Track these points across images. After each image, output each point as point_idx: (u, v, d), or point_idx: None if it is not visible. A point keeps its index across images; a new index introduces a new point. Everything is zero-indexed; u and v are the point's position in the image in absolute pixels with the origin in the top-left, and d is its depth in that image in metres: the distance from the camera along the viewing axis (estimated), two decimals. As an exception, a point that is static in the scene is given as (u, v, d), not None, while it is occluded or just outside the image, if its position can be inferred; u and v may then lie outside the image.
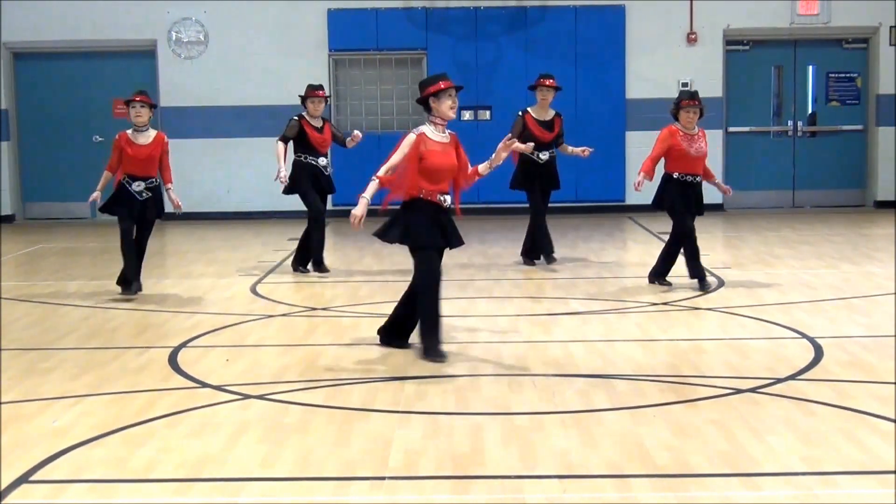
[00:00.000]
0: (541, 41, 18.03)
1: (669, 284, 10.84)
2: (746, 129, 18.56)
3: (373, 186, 7.96)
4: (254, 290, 11.17)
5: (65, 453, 5.91)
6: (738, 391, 6.98)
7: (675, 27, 18.21)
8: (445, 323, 8.87)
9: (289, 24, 18.10)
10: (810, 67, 18.57)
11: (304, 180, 12.03)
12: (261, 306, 10.36)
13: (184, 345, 8.63)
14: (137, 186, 10.80)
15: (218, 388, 7.27)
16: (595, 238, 14.93)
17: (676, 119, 10.80)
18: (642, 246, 14.36)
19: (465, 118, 17.98)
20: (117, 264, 12.83)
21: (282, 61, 18.03)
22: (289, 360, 8.12)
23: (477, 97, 17.89)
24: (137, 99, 10.79)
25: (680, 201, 10.75)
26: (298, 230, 15.94)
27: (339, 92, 18.25)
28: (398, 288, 11.16)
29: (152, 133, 10.82)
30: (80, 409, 6.83)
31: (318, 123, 12.18)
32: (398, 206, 8.15)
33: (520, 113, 12.23)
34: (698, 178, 10.83)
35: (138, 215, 10.79)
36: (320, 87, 12.23)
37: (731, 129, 18.47)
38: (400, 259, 13.10)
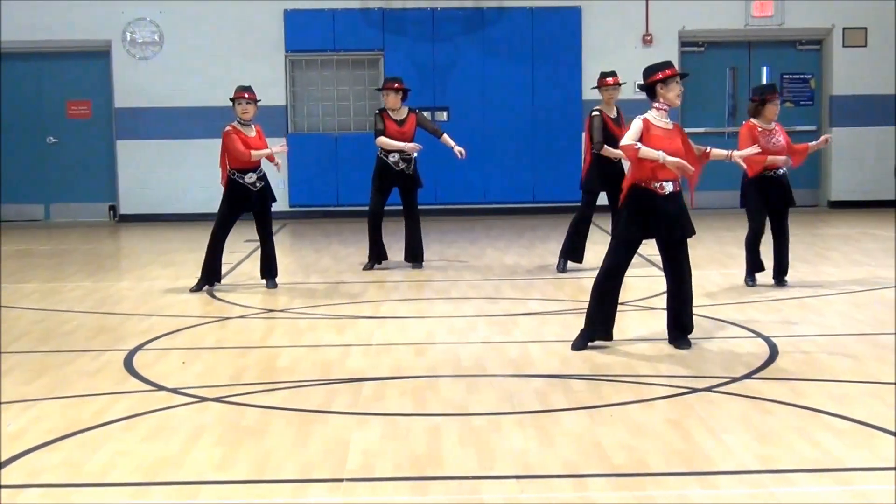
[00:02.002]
0: (498, 42, 18.06)
1: (753, 283, 10.91)
2: (702, 129, 18.64)
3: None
4: (210, 293, 11.11)
5: (19, 457, 5.85)
6: (695, 390, 7.03)
7: (631, 28, 18.29)
8: (402, 323, 8.89)
9: (245, 24, 18.01)
10: (764, 69, 18.71)
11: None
12: (217, 308, 10.32)
13: (139, 347, 8.58)
14: (249, 178, 11.06)
15: (174, 390, 7.23)
16: (552, 238, 14.95)
17: (754, 116, 10.87)
18: (599, 247, 14.36)
19: (423, 119, 17.96)
20: (70, 267, 12.73)
21: (238, 62, 17.93)
22: (246, 362, 8.08)
23: (434, 98, 17.89)
24: (247, 96, 11.07)
25: (758, 200, 10.85)
26: (255, 233, 15.89)
27: (295, 93, 18.19)
28: (355, 290, 11.17)
29: (254, 126, 11.17)
30: (35, 412, 6.76)
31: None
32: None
33: (595, 113, 11.92)
34: (780, 172, 10.88)
35: (258, 207, 11.15)
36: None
37: (687, 129, 18.42)
38: (357, 260, 13.08)
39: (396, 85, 12.29)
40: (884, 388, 7.01)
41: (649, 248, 13.69)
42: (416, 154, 12.23)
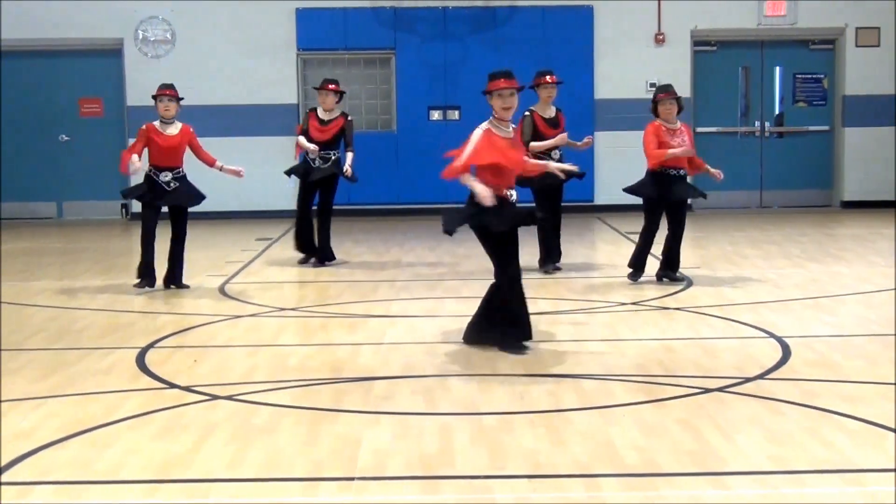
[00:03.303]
0: (509, 41, 18.04)
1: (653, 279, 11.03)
2: (714, 129, 18.64)
3: None
4: (222, 291, 11.12)
5: (31, 455, 5.85)
6: (707, 391, 7.00)
7: (643, 28, 18.26)
8: (413, 322, 8.90)
9: (257, 23, 18.03)
10: (777, 68, 18.68)
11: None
12: (229, 307, 10.32)
13: (151, 345, 8.58)
14: (164, 177, 11.05)
15: (186, 388, 7.23)
16: (564, 238, 14.93)
17: (656, 115, 10.89)
18: (611, 246, 14.41)
19: (434, 118, 17.97)
20: (82, 264, 12.76)
21: (250, 61, 17.96)
22: (257, 360, 8.08)
23: (445, 97, 17.89)
24: (167, 93, 11.04)
25: (656, 197, 10.82)
26: (267, 230, 15.95)
27: (307, 91, 18.20)
28: (366, 288, 11.17)
29: (178, 125, 11.14)
30: (46, 410, 6.77)
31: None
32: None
33: (526, 113, 12.03)
34: (682, 172, 10.91)
35: (171, 206, 11.17)
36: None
37: (699, 129, 18.53)
38: (369, 259, 13.08)
39: (332, 87, 12.52)
40: (897, 389, 6.98)
41: (662, 248, 13.68)
42: (333, 155, 12.44)
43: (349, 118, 12.71)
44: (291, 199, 13.22)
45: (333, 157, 12.43)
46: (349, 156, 12.41)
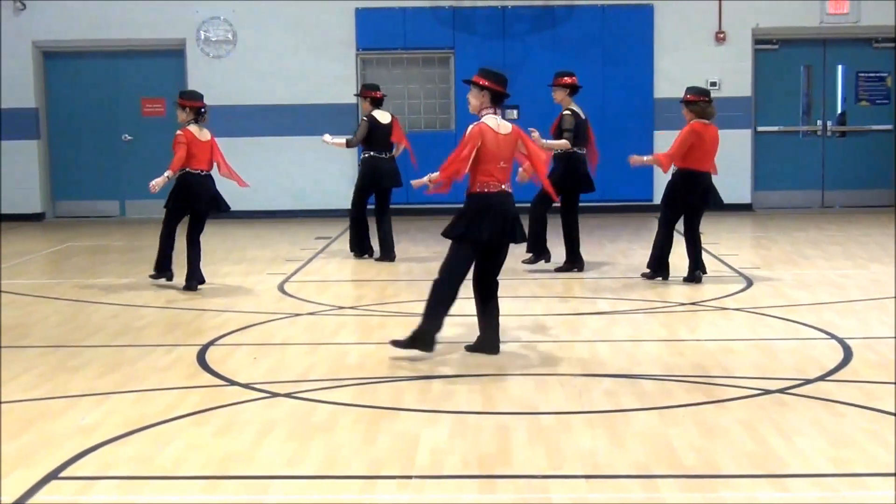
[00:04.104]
0: (568, 40, 17.99)
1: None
2: (775, 128, 18.46)
3: None
4: (281, 289, 11.19)
5: (92, 450, 5.93)
6: (767, 392, 6.95)
7: (704, 26, 18.13)
8: (472, 322, 8.87)
9: (317, 23, 18.12)
10: (839, 67, 18.46)
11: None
12: (288, 305, 10.38)
13: (211, 343, 8.66)
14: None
15: (245, 386, 7.29)
16: (622, 238, 14.89)
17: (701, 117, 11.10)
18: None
19: (493, 117, 17.94)
20: (145, 263, 12.89)
21: (310, 60, 18.06)
22: (316, 358, 8.13)
23: (504, 96, 17.86)
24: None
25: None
26: (325, 229, 16.02)
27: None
28: (424, 287, 11.16)
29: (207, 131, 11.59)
30: (108, 406, 6.86)
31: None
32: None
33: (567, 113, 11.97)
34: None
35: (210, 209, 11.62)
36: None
37: (760, 128, 18.38)
38: (426, 256, 13.10)
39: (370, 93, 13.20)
40: (961, 392, 6.89)
41: (722, 248, 13.59)
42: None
43: (364, 118, 13.12)
44: (349, 200, 13.30)
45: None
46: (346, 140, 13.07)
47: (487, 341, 8.15)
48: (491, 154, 8.12)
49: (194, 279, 11.10)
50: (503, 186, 8.14)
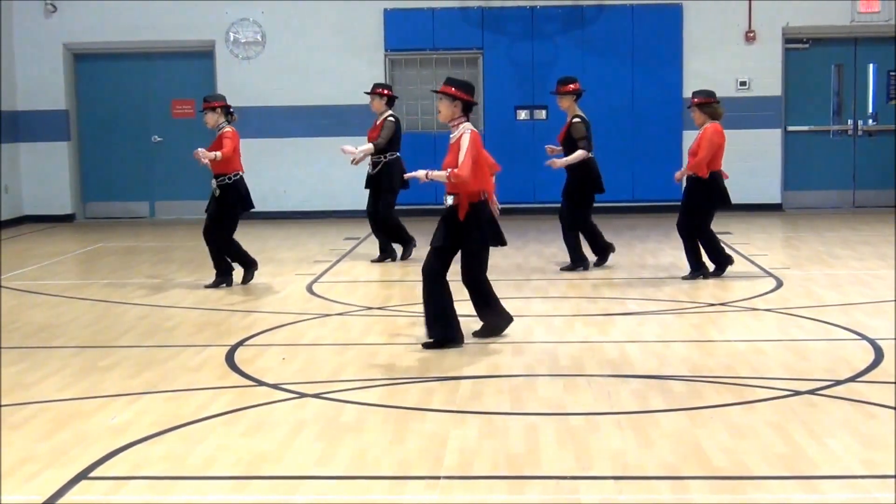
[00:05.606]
0: (597, 40, 17.96)
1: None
2: (806, 128, 18.37)
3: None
4: (310, 290, 11.22)
5: (123, 450, 5.97)
6: (797, 393, 6.92)
7: (734, 25, 18.06)
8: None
9: (345, 24, 18.16)
10: (871, 66, 18.34)
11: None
12: (317, 305, 10.41)
13: (241, 343, 8.69)
14: (213, 182, 11.80)
15: (274, 386, 7.32)
16: (651, 238, 14.84)
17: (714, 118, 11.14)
18: (699, 246, 14.24)
19: (521, 118, 17.94)
20: (174, 263, 12.96)
21: (339, 61, 18.10)
22: (345, 359, 8.15)
23: (533, 97, 17.85)
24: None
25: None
26: (355, 230, 16.05)
27: (395, 92, 18.27)
28: (452, 288, 11.16)
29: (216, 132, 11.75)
30: (139, 406, 6.90)
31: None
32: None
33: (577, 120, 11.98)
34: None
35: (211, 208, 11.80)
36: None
37: (791, 128, 18.29)
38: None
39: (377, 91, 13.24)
40: None
41: (752, 248, 13.54)
42: (377, 157, 13.07)
43: (383, 119, 13.15)
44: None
45: (376, 160, 13.04)
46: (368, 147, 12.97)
47: (497, 317, 8.70)
48: (483, 160, 8.51)
49: (252, 266, 11.55)
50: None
